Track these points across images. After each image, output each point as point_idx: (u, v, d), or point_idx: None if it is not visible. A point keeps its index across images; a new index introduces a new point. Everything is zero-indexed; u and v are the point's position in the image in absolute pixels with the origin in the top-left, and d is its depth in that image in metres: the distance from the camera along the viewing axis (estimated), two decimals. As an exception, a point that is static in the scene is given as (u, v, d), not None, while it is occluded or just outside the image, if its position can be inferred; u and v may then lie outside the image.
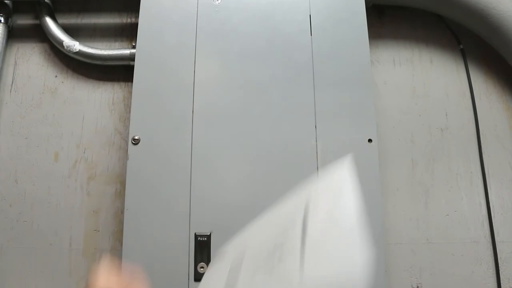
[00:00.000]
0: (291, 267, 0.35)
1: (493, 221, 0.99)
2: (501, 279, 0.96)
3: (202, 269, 0.75)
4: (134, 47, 0.98)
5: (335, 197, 0.39)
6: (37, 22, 1.03)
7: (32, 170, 0.98)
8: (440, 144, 1.04)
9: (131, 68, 0.87)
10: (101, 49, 1.01)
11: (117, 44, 1.07)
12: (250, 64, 0.86)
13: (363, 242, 0.32)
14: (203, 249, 0.76)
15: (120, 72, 1.03)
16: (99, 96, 1.04)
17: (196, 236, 0.77)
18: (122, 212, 0.81)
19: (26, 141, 1.00)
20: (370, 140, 0.84)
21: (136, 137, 0.81)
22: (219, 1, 0.90)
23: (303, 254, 0.35)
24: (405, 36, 1.12)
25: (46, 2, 1.02)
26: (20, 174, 0.98)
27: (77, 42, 1.00)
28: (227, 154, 0.82)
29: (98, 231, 0.95)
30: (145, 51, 0.86)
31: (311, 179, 0.88)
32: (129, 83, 1.02)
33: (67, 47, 0.99)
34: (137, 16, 0.90)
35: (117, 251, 0.93)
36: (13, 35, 1.06)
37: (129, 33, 1.07)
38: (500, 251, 0.98)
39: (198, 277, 0.75)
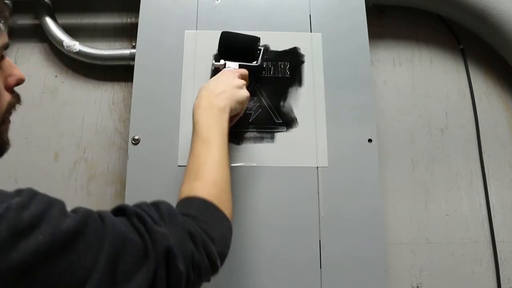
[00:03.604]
0: None
1: (493, 221, 0.99)
2: (501, 279, 0.96)
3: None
4: (134, 47, 0.98)
5: None
6: (37, 22, 1.03)
7: (32, 170, 0.98)
8: (440, 144, 1.05)
9: (131, 68, 0.87)
10: (101, 49, 1.01)
11: (117, 44, 1.07)
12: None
13: None
14: (203, 249, 0.76)
15: (120, 72, 1.03)
16: (99, 96, 1.04)
17: (196, 236, 0.77)
18: (122, 212, 0.81)
19: (26, 141, 1.00)
20: (370, 140, 0.84)
21: (136, 137, 0.81)
22: (219, 1, 0.90)
23: None
24: (405, 36, 1.12)
25: (46, 2, 1.02)
26: (20, 174, 0.98)
27: (77, 42, 1.00)
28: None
29: (98, 231, 0.95)
30: (145, 51, 0.86)
31: (311, 178, 0.89)
32: (129, 83, 1.02)
33: (67, 47, 0.99)
34: (137, 16, 0.90)
35: (117, 251, 0.93)
36: (13, 35, 1.06)
37: (129, 33, 1.07)
38: (500, 251, 0.98)
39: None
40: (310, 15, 0.90)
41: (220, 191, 0.53)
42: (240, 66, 0.76)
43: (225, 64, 0.76)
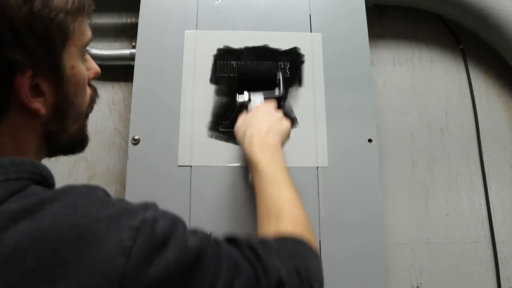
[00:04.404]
0: None
1: (493, 221, 0.99)
2: (501, 279, 0.96)
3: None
4: (134, 47, 0.98)
5: None
6: (37, 22, 1.03)
7: (32, 170, 0.98)
8: (440, 144, 1.05)
9: (131, 68, 0.87)
10: (101, 49, 1.01)
11: (117, 44, 1.07)
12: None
13: None
14: (203, 249, 0.76)
15: (120, 72, 1.03)
16: (99, 96, 1.03)
17: (196, 236, 0.77)
18: (122, 212, 0.81)
19: (26, 141, 1.00)
20: (370, 140, 0.84)
21: (136, 137, 0.81)
22: (219, 1, 0.90)
23: None
24: (405, 36, 1.12)
25: (46, 2, 1.02)
26: (20, 174, 0.98)
27: (77, 42, 1.00)
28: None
29: (98, 231, 0.95)
30: (145, 51, 0.86)
31: (311, 178, 0.89)
32: (129, 83, 1.02)
33: (67, 47, 0.99)
34: (137, 16, 0.90)
35: (117, 251, 0.92)
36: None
37: (129, 33, 1.07)
38: (500, 251, 0.98)
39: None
40: (310, 15, 0.90)
41: (305, 229, 0.53)
42: (265, 96, 0.75)
43: (249, 97, 0.74)
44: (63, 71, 0.40)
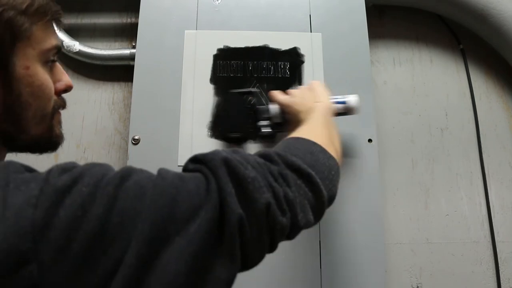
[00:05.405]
0: None
1: (493, 221, 0.99)
2: (501, 279, 0.96)
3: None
4: (134, 47, 0.98)
5: None
6: (37, 22, 1.03)
7: (32, 170, 0.98)
8: (440, 144, 1.05)
9: (131, 68, 0.87)
10: (101, 49, 1.01)
11: (117, 44, 1.07)
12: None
13: None
14: (203, 249, 0.76)
15: (120, 72, 1.03)
16: (99, 96, 1.04)
17: (196, 236, 0.77)
18: (122, 212, 0.81)
19: (26, 141, 1.00)
20: (370, 140, 0.84)
21: (136, 137, 0.81)
22: (219, 1, 0.90)
23: None
24: (405, 36, 1.12)
25: (46, 2, 1.02)
26: (20, 174, 0.98)
27: (77, 42, 1.00)
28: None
29: (98, 231, 0.95)
30: (145, 51, 0.86)
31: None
32: (129, 83, 1.02)
33: (67, 47, 0.99)
34: (137, 16, 0.90)
35: (117, 251, 0.92)
36: (13, 35, 1.06)
37: (129, 33, 1.07)
38: (500, 251, 0.98)
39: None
40: (310, 15, 0.90)
41: (326, 140, 0.52)
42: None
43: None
44: (12, 69, 0.40)
